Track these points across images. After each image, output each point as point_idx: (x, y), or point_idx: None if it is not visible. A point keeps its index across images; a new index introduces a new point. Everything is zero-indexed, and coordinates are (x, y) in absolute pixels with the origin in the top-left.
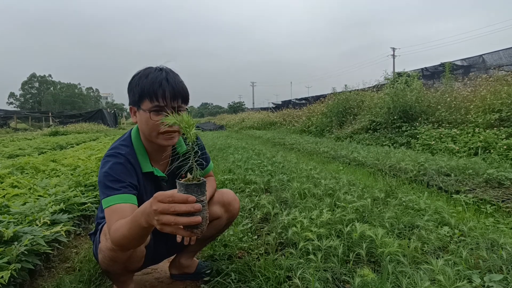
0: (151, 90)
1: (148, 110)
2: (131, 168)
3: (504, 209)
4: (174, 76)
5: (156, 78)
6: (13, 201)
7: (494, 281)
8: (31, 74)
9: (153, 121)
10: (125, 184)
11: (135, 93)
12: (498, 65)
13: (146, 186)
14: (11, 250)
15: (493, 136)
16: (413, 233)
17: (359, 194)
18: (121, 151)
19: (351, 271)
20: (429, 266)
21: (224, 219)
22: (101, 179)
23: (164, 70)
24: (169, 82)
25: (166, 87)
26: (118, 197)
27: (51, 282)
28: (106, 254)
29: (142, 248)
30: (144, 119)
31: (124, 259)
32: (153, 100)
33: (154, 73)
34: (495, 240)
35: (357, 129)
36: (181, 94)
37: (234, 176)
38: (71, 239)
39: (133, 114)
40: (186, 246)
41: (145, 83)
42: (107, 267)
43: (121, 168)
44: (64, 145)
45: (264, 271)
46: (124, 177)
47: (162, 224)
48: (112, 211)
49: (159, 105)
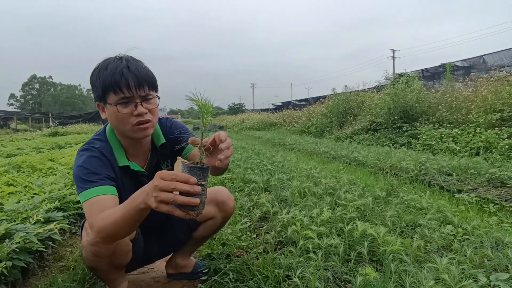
0: (113, 82)
1: (115, 103)
2: (107, 161)
3: (507, 208)
4: (135, 63)
5: (116, 68)
6: (8, 199)
7: (500, 280)
8: (32, 75)
9: (122, 114)
10: (102, 176)
11: (97, 87)
12: (499, 66)
13: (125, 181)
14: (2, 247)
15: (494, 136)
16: (416, 232)
17: (360, 193)
18: (95, 145)
19: (352, 270)
20: (433, 265)
21: (219, 218)
22: (76, 173)
23: (124, 59)
24: (131, 70)
25: (128, 75)
26: (97, 190)
27: (44, 281)
28: (88, 250)
29: (126, 241)
30: (112, 114)
31: (108, 254)
32: (117, 92)
33: (114, 63)
34: (500, 239)
35: (357, 129)
36: (147, 81)
37: (233, 175)
38: (66, 237)
39: (102, 111)
40: (180, 246)
41: (105, 75)
42: (92, 263)
43: (96, 161)
44: (63, 145)
45: (263, 270)
46: (100, 170)
47: (159, 201)
48: (92, 203)
49: (125, 96)
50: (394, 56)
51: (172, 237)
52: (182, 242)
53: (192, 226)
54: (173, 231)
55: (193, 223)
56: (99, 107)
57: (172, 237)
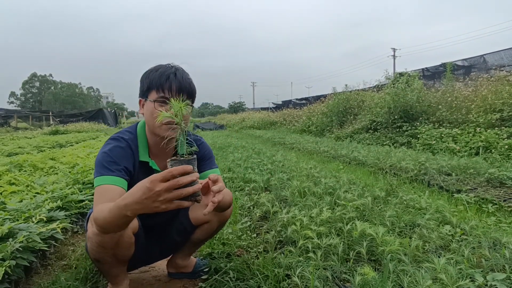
0: (159, 82)
1: (154, 100)
2: (130, 154)
3: (506, 209)
4: (182, 73)
5: (164, 72)
6: (10, 198)
7: (497, 280)
8: (32, 73)
9: (157, 111)
10: (120, 168)
11: (144, 84)
12: (499, 66)
13: (140, 177)
14: (5, 246)
15: (494, 136)
16: (414, 232)
17: (359, 193)
18: (124, 136)
19: (351, 270)
20: (430, 265)
21: (215, 221)
22: (99, 159)
23: (174, 67)
24: (177, 77)
25: (173, 80)
26: (111, 179)
27: (47, 279)
28: (93, 240)
29: (129, 233)
30: (149, 109)
31: (112, 245)
32: (159, 91)
33: (164, 68)
34: (498, 239)
35: (357, 128)
36: (187, 90)
37: (233, 174)
38: (68, 236)
39: (141, 106)
40: (178, 248)
41: (154, 76)
42: (97, 255)
43: (121, 152)
44: (64, 144)
45: (263, 269)
46: (121, 161)
47: (167, 202)
48: (103, 190)
49: (164, 96)
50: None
51: (170, 239)
52: (180, 244)
53: (188, 229)
54: (171, 234)
55: (190, 226)
56: (140, 102)
57: (170, 239)
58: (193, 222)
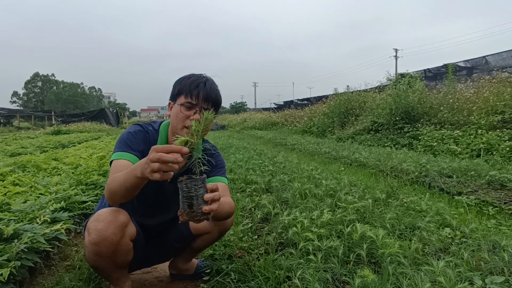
0: (188, 89)
1: (181, 104)
2: (149, 142)
3: (506, 211)
4: (212, 84)
5: (195, 80)
6: (14, 199)
7: (495, 283)
8: (34, 73)
9: (182, 114)
10: (139, 149)
11: (175, 89)
12: (501, 67)
13: None
14: (11, 247)
15: (495, 137)
16: (414, 234)
17: (360, 195)
18: (148, 127)
19: (351, 272)
20: (430, 268)
21: (216, 232)
22: (123, 137)
23: (206, 77)
24: (206, 86)
25: (202, 89)
26: (128, 155)
27: (51, 280)
28: (90, 249)
29: (127, 241)
30: (175, 111)
31: (109, 253)
32: (187, 96)
33: (196, 77)
34: (497, 242)
35: (359, 130)
36: (213, 99)
37: (235, 176)
38: (71, 237)
39: (169, 108)
40: (178, 254)
41: (185, 83)
42: (94, 263)
43: (144, 137)
44: (66, 144)
45: (264, 271)
46: (141, 144)
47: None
48: (120, 164)
49: (190, 102)
50: (396, 56)
51: (169, 245)
52: (180, 250)
53: (188, 238)
54: (170, 241)
55: (189, 236)
56: (169, 105)
57: (170, 246)
58: (193, 232)
